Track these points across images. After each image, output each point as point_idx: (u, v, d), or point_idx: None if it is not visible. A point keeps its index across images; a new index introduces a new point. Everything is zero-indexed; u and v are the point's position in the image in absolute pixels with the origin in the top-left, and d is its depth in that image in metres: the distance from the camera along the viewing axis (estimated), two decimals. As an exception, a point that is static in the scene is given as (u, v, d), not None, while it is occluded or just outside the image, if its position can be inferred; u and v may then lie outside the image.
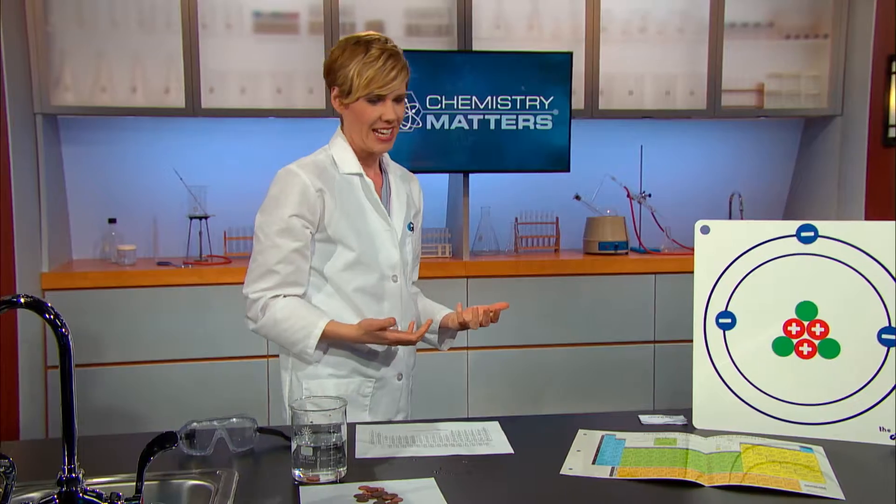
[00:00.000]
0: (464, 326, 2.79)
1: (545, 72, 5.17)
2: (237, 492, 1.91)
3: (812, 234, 2.27)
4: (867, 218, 5.23)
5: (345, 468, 2.01)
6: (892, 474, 2.05)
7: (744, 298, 2.33)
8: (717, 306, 2.35)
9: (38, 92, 4.73)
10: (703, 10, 5.40)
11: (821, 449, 2.17)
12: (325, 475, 1.97)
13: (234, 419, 2.20)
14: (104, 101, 4.89)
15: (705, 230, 2.36)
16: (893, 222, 2.21)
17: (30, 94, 4.71)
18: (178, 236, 5.28)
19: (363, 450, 2.21)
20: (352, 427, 2.37)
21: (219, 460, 2.11)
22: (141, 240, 5.26)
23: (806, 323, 2.28)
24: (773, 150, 5.98)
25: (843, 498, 1.86)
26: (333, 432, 1.98)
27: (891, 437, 2.22)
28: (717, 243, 2.36)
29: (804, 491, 1.89)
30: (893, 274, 2.21)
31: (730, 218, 5.71)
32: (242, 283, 4.72)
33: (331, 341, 2.70)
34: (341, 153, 2.80)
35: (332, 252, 2.74)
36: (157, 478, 1.96)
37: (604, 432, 2.32)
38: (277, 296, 2.73)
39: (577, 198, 5.50)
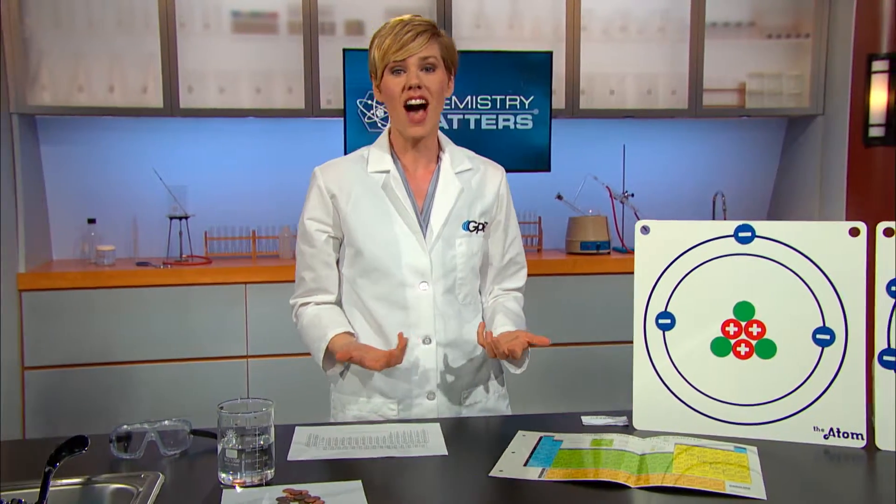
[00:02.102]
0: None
1: (525, 71, 5.17)
2: (159, 495, 1.90)
3: (749, 234, 2.26)
4: (848, 217, 5.21)
5: (272, 470, 1.99)
6: (823, 473, 2.05)
7: (683, 299, 2.31)
8: (657, 307, 2.34)
9: (14, 92, 4.73)
10: (684, 10, 5.38)
11: (755, 449, 2.16)
12: (250, 478, 1.95)
13: (167, 421, 2.18)
14: (81, 100, 4.89)
15: (645, 230, 2.35)
16: (827, 223, 2.20)
17: (6, 93, 4.70)
18: (159, 236, 5.28)
19: (297, 452, 2.19)
20: (290, 428, 2.36)
21: (150, 463, 2.09)
22: (121, 240, 5.26)
23: (743, 323, 2.27)
24: (757, 150, 5.96)
25: (765, 498, 1.85)
26: (260, 435, 1.96)
27: (824, 436, 2.21)
28: (657, 244, 2.34)
29: (728, 491, 1.88)
30: (828, 274, 2.20)
31: (713, 217, 5.70)
32: (223, 284, 4.79)
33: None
34: (376, 149, 2.65)
35: (352, 257, 2.62)
36: (81, 482, 1.95)
37: (543, 433, 2.30)
38: (307, 303, 2.69)
39: (559, 198, 5.49)
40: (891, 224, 2.16)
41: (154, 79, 4.94)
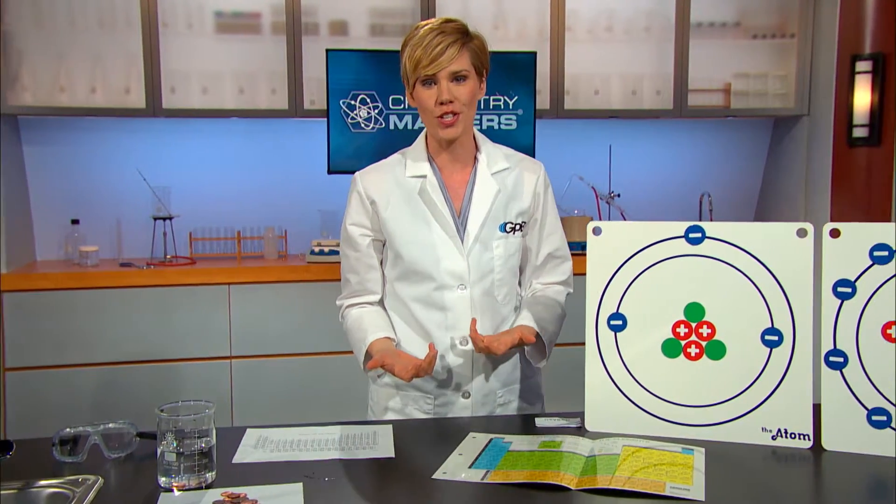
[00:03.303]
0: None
1: (509, 72, 5.16)
2: (95, 499, 1.88)
3: (700, 235, 2.25)
4: (832, 218, 5.19)
5: (212, 473, 1.98)
6: (767, 474, 2.03)
7: (634, 300, 2.31)
8: (609, 308, 2.33)
9: (-6, 92, 4.74)
10: (669, 10, 5.37)
11: (703, 450, 2.15)
12: (189, 481, 1.94)
13: (112, 424, 2.17)
14: (63, 101, 4.89)
15: (597, 231, 2.34)
16: (776, 223, 2.19)
17: (-14, 94, 4.72)
18: (143, 237, 5.28)
19: (244, 454, 2.18)
20: (242, 430, 2.36)
21: (94, 467, 2.08)
22: (105, 241, 5.27)
23: (694, 324, 2.26)
24: (743, 150, 5.94)
25: (703, 499, 1.84)
26: (200, 437, 1.95)
27: (772, 437, 2.20)
28: (609, 245, 2.33)
29: (668, 493, 1.87)
30: (776, 275, 2.19)
31: (700, 218, 5.69)
32: (206, 285, 4.78)
33: None
34: (413, 153, 2.68)
35: (392, 259, 2.66)
36: (18, 487, 1.93)
37: (493, 435, 2.30)
38: (353, 305, 2.73)
39: (545, 198, 5.46)
40: (837, 225, 2.15)
41: (136, 79, 4.94)
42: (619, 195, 5.58)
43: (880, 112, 4.97)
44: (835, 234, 2.15)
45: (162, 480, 1.95)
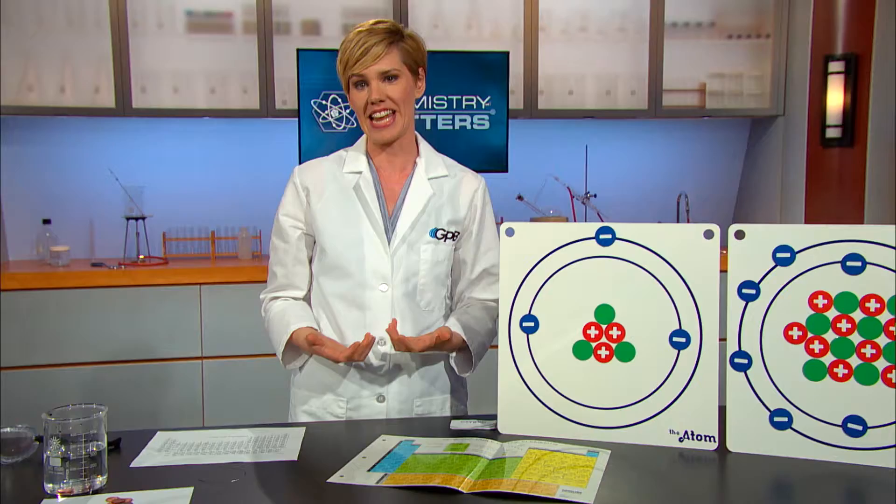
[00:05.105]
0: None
1: (482, 71, 5.14)
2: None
3: (610, 236, 2.22)
4: (807, 219, 5.17)
5: (102, 478, 1.93)
6: (667, 475, 2.02)
7: (546, 302, 2.28)
8: (522, 310, 2.30)
9: (-39, 92, 4.74)
10: (643, 10, 5.35)
11: (608, 452, 2.13)
12: (75, 487, 1.89)
13: (9, 428, 2.13)
14: (31, 100, 4.89)
15: (510, 233, 2.32)
16: (683, 225, 2.17)
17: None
18: (116, 237, 5.28)
19: (145, 458, 2.13)
20: (151, 432, 2.33)
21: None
22: (77, 241, 5.27)
23: (604, 326, 2.23)
24: (721, 151, 5.91)
25: (591, 502, 1.82)
26: (89, 441, 1.92)
27: (679, 439, 2.18)
28: (522, 246, 2.30)
29: (558, 496, 1.85)
30: (683, 276, 2.17)
31: (677, 219, 5.66)
32: (177, 285, 4.77)
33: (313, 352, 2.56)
34: (354, 150, 2.68)
35: (318, 254, 2.64)
36: None
37: (403, 438, 2.28)
38: (276, 298, 2.70)
39: (520, 198, 5.46)
40: (741, 227, 2.13)
41: (106, 79, 4.94)
42: (595, 196, 5.56)
43: (853, 113, 4.94)
44: (739, 235, 2.13)
45: (48, 487, 1.90)
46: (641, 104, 5.39)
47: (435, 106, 5.13)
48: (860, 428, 2.05)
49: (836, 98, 4.98)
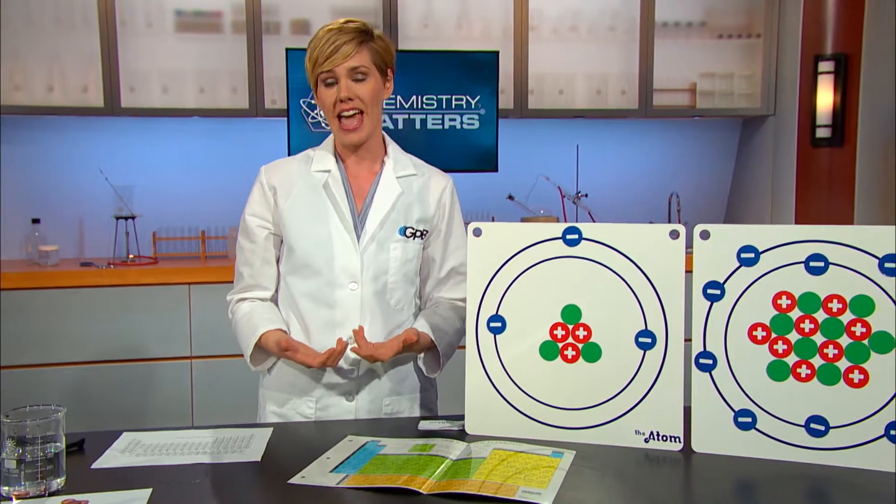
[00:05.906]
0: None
1: (471, 71, 5.13)
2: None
3: (577, 236, 2.21)
4: (797, 219, 5.16)
5: (60, 480, 1.91)
6: (635, 476, 2.00)
7: (513, 302, 2.27)
8: (489, 310, 2.29)
9: (-52, 91, 4.74)
10: (634, 10, 5.34)
11: (573, 453, 2.12)
12: (30, 489, 1.87)
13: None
14: (19, 99, 4.89)
15: (478, 233, 2.30)
16: (649, 225, 2.16)
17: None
18: (105, 237, 5.28)
19: (106, 459, 2.11)
20: (116, 433, 2.32)
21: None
22: (67, 240, 5.27)
23: (570, 326, 2.22)
24: (712, 150, 5.90)
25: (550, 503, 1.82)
26: (45, 443, 1.90)
27: (644, 440, 2.17)
28: (489, 246, 2.29)
29: (518, 497, 1.84)
30: (649, 276, 2.16)
31: (668, 219, 5.65)
32: (167, 285, 4.76)
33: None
34: (321, 150, 2.67)
35: (286, 253, 2.61)
36: None
37: (370, 438, 2.27)
38: (243, 299, 2.69)
39: (511, 198, 5.45)
40: (706, 227, 2.12)
41: (94, 78, 4.94)
42: (586, 195, 5.55)
43: (843, 113, 4.93)
44: (705, 235, 2.12)
45: (3, 489, 1.87)
46: (632, 104, 5.39)
47: (425, 105, 5.12)
48: (822, 428, 2.04)
49: (825, 98, 4.97)
